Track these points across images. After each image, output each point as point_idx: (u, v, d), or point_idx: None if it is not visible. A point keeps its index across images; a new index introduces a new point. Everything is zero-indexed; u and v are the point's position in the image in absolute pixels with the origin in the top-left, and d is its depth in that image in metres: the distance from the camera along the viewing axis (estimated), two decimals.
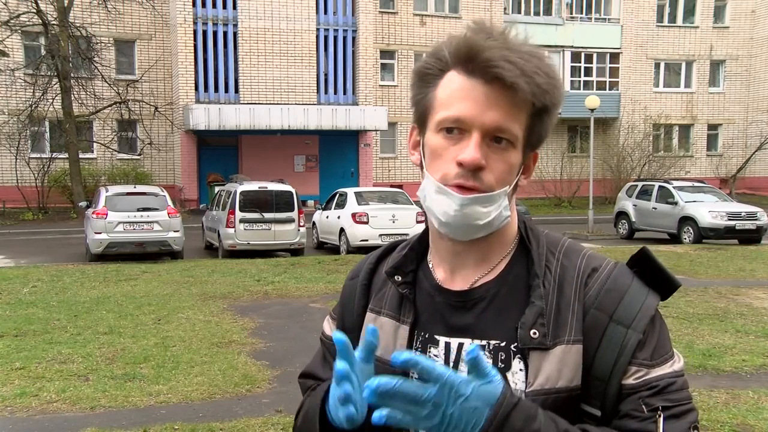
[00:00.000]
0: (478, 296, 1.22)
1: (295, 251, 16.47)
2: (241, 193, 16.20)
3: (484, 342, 1.19)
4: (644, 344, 1.14)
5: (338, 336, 1.03)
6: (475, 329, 1.20)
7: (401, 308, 1.27)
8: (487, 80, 1.11)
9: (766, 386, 6.17)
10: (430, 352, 1.22)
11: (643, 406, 1.11)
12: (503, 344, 1.17)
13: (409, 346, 1.24)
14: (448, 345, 1.21)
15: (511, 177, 1.17)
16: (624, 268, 1.21)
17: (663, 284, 1.19)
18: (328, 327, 1.42)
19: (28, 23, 24.30)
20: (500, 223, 1.18)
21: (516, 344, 1.16)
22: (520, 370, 1.15)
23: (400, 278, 1.28)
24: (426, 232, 1.30)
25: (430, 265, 1.29)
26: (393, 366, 0.98)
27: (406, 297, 1.27)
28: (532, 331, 1.15)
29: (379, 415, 0.97)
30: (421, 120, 1.20)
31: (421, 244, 1.31)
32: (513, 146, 1.15)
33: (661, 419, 1.10)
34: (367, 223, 16.18)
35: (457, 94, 1.14)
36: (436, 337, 1.23)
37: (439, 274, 1.27)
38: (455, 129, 1.14)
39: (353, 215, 16.34)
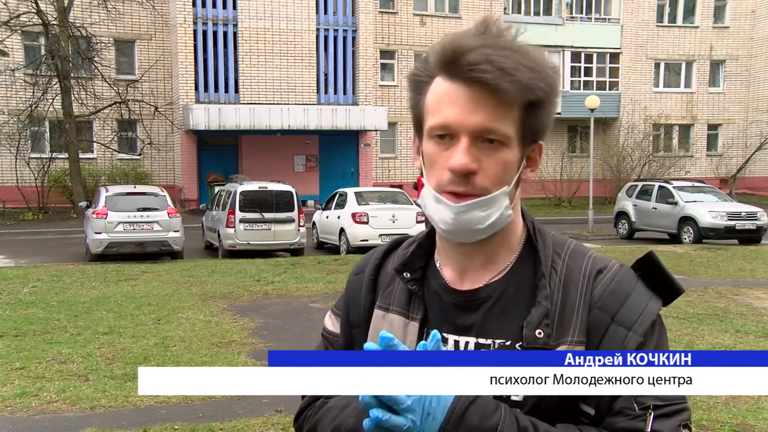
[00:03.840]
0: (485, 296, 1.22)
1: (295, 251, 16.47)
2: (241, 193, 16.20)
3: (489, 341, 1.20)
4: (643, 347, 1.15)
5: (384, 334, 1.07)
6: (481, 329, 1.21)
7: (410, 305, 1.28)
8: (469, 83, 1.11)
9: None
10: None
11: (635, 404, 1.12)
12: (508, 343, 1.19)
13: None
14: (457, 343, 1.22)
15: (510, 175, 1.17)
16: (629, 270, 1.22)
17: (667, 289, 1.20)
18: (331, 323, 1.42)
19: (28, 23, 24.29)
20: (503, 222, 1.18)
21: (521, 343, 1.17)
22: None
23: (408, 275, 1.28)
24: (433, 230, 1.30)
25: (438, 264, 1.29)
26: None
27: (415, 294, 1.27)
28: (537, 331, 1.16)
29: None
30: (417, 127, 1.22)
31: (429, 241, 1.32)
32: (506, 145, 1.14)
33: (651, 417, 1.11)
34: (367, 223, 16.18)
35: (443, 99, 1.14)
36: (445, 335, 1.23)
37: (447, 274, 1.27)
38: (446, 135, 1.15)
39: (353, 215, 16.34)
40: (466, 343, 1.21)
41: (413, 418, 1.04)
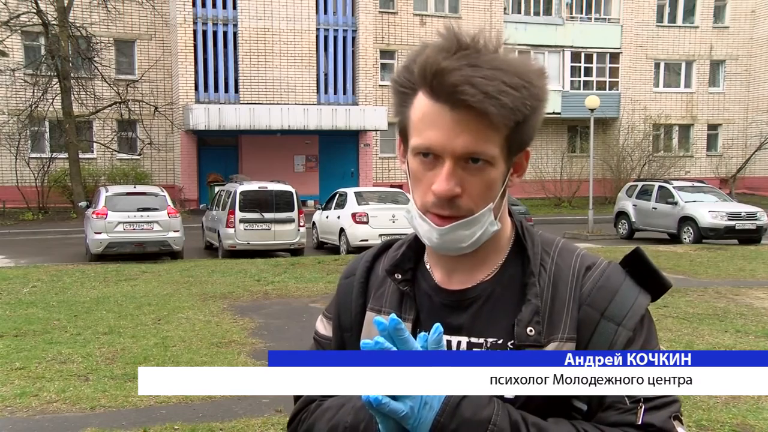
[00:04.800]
0: (475, 295, 1.24)
1: (295, 251, 16.47)
2: (241, 193, 16.21)
3: (482, 340, 1.21)
4: (633, 342, 1.17)
5: (393, 317, 1.08)
6: (472, 328, 1.22)
7: (402, 306, 1.28)
8: (453, 105, 1.09)
9: None
10: None
11: (626, 398, 1.13)
12: (500, 342, 1.20)
13: None
14: (449, 343, 1.23)
15: (495, 192, 1.17)
16: (617, 267, 1.24)
17: (654, 284, 1.22)
18: (322, 326, 1.42)
19: (28, 23, 24.30)
20: (488, 236, 1.19)
21: (513, 341, 1.18)
22: None
23: (399, 276, 1.29)
24: None
25: (428, 266, 1.30)
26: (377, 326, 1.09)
27: (407, 294, 1.28)
28: (528, 329, 1.18)
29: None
30: (402, 135, 1.21)
31: (418, 242, 1.32)
32: (491, 164, 1.14)
33: (642, 410, 1.13)
34: (367, 223, 16.18)
35: (426, 119, 1.13)
36: None
37: (437, 274, 1.28)
38: (430, 154, 1.14)
39: (353, 215, 16.34)
40: (458, 343, 1.22)
41: (411, 405, 1.06)
